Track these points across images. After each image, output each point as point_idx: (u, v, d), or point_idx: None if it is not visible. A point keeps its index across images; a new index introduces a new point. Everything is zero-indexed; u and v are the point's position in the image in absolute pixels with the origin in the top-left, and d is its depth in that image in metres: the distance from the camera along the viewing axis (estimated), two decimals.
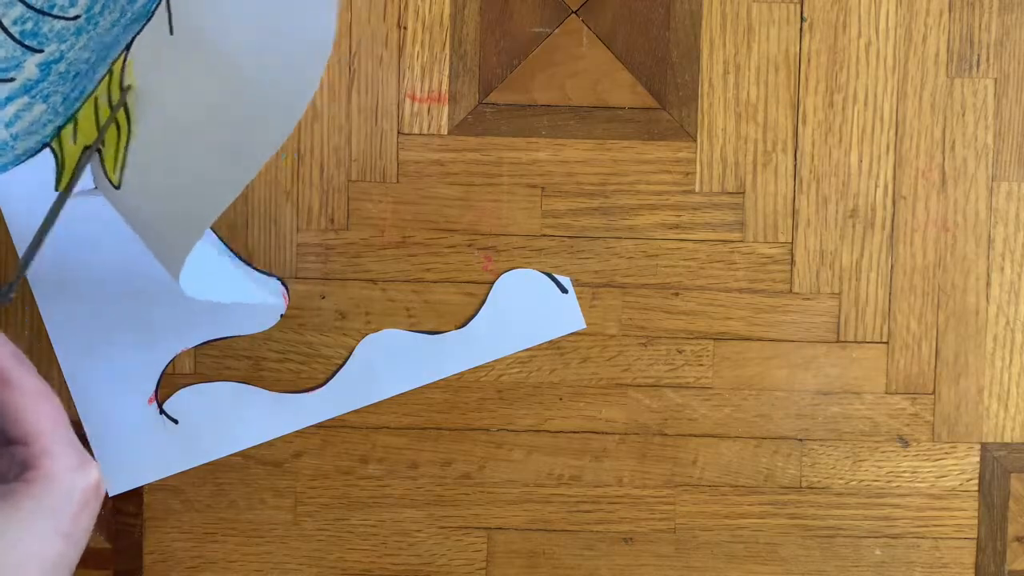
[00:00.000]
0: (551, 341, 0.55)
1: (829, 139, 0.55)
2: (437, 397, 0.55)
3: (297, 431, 0.55)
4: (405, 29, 0.54)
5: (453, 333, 0.55)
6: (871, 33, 0.55)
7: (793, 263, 0.56)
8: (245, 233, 0.55)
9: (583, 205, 0.55)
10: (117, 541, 0.56)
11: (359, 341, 0.55)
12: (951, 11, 0.55)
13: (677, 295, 0.56)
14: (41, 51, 0.36)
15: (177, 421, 0.55)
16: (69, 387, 0.54)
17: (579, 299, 0.55)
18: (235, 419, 0.55)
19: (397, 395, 0.55)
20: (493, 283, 0.55)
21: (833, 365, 0.56)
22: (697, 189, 0.55)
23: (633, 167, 0.55)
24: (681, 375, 0.56)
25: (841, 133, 0.55)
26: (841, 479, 0.56)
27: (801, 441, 0.56)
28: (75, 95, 0.38)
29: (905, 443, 0.56)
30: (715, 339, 0.56)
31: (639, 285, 0.55)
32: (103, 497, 0.40)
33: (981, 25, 0.55)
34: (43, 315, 0.54)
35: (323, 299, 0.55)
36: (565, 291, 0.55)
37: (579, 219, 0.55)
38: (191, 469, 0.55)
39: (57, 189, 0.41)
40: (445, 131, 0.55)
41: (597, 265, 0.55)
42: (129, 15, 0.37)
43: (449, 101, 0.55)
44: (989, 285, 0.56)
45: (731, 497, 0.56)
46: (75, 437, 0.39)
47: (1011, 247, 0.56)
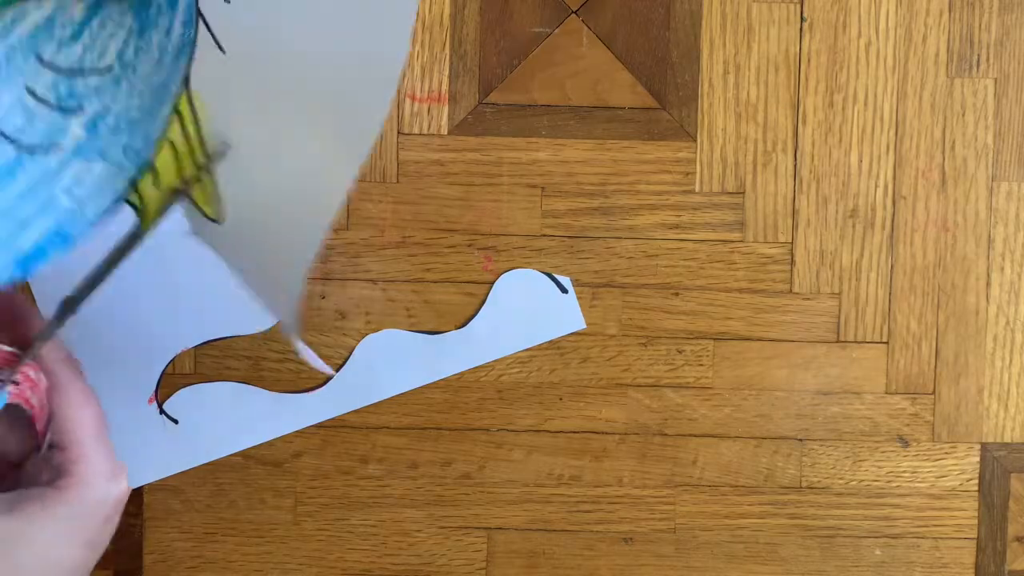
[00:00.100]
0: (551, 341, 0.55)
1: (829, 139, 0.55)
2: (437, 397, 0.55)
3: (297, 431, 0.55)
4: None
5: (453, 333, 0.55)
6: (871, 33, 0.55)
7: (793, 263, 0.56)
8: None
9: (583, 205, 0.55)
10: (117, 541, 0.56)
11: (359, 341, 0.55)
12: (951, 11, 0.55)
13: (677, 295, 0.56)
14: (82, 110, 0.35)
15: (177, 421, 0.55)
16: None
17: (579, 299, 0.55)
18: (235, 419, 0.55)
19: (397, 395, 0.55)
20: (493, 283, 0.55)
21: (833, 365, 0.56)
22: (697, 189, 0.55)
23: (633, 167, 0.55)
24: (681, 375, 0.56)
25: (841, 133, 0.55)
26: (841, 479, 0.56)
27: (801, 441, 0.56)
28: (138, 144, 0.36)
29: (905, 443, 0.56)
30: (715, 339, 0.56)
31: (639, 285, 0.55)
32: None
33: (981, 25, 0.55)
34: (43, 314, 0.54)
35: (323, 299, 0.55)
36: (565, 291, 0.55)
37: (579, 219, 0.55)
38: (191, 469, 0.55)
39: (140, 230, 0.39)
40: (445, 131, 0.55)
41: (597, 265, 0.55)
42: (170, 50, 0.35)
43: (449, 101, 0.55)
44: (989, 285, 0.56)
45: (731, 497, 0.56)
46: (110, 445, 0.39)
47: (1011, 247, 0.56)
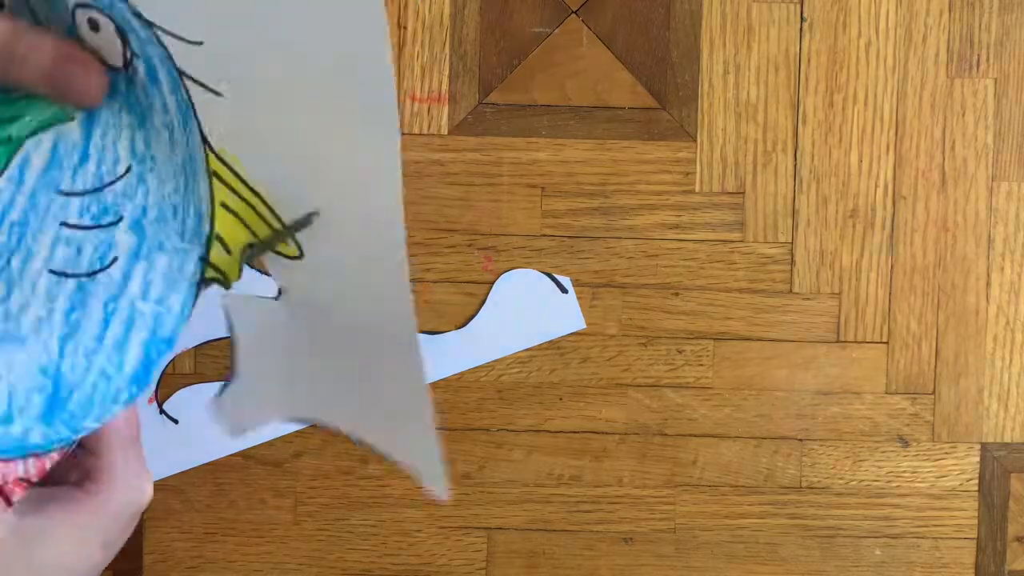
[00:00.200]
0: (551, 341, 0.55)
1: (829, 139, 0.55)
2: (437, 397, 0.55)
3: (297, 431, 0.55)
4: (405, 29, 0.54)
5: (453, 333, 0.55)
6: (871, 33, 0.55)
7: (793, 263, 0.56)
8: None
9: (583, 205, 0.55)
10: None
11: None
12: (951, 11, 0.55)
13: (677, 295, 0.56)
14: (121, 218, 0.34)
15: (177, 421, 0.55)
16: None
17: (579, 299, 0.55)
18: None
19: None
20: (493, 283, 0.55)
21: (833, 365, 0.56)
22: (697, 189, 0.55)
23: (633, 167, 0.55)
24: (681, 375, 0.56)
25: (841, 133, 0.55)
26: (841, 479, 0.56)
27: (801, 441, 0.56)
28: (190, 223, 0.35)
29: (905, 443, 0.56)
30: (715, 339, 0.56)
31: (639, 285, 0.55)
32: None
33: (981, 25, 0.55)
34: None
35: None
36: (565, 291, 0.55)
37: (579, 219, 0.55)
38: (191, 469, 0.55)
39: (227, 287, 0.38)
40: (445, 131, 0.55)
41: (597, 265, 0.55)
42: (176, 123, 0.35)
43: (449, 101, 0.55)
44: (989, 285, 0.56)
45: (731, 497, 0.56)
46: (142, 452, 0.39)
47: (1011, 247, 0.56)
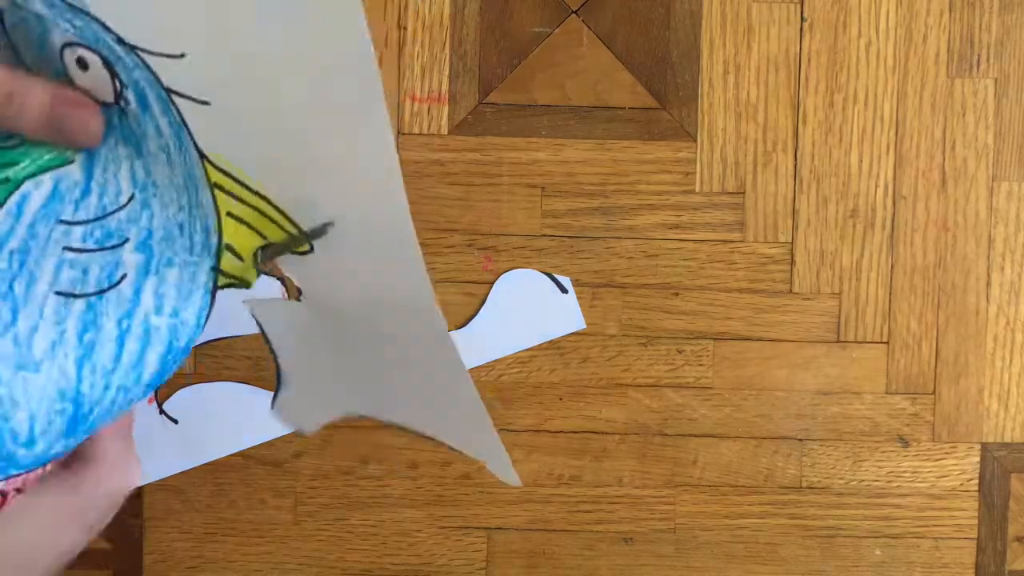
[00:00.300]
0: (551, 341, 0.55)
1: (829, 139, 0.55)
2: None
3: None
4: (405, 29, 0.54)
5: (453, 333, 0.55)
6: (871, 33, 0.55)
7: (793, 263, 0.56)
8: None
9: (583, 205, 0.55)
10: (117, 541, 0.56)
11: None
12: (951, 11, 0.55)
13: (677, 295, 0.56)
14: (127, 239, 0.34)
15: (177, 421, 0.55)
16: None
17: (579, 299, 0.55)
18: (235, 419, 0.55)
19: None
20: (493, 283, 0.55)
21: (833, 365, 0.56)
22: (697, 189, 0.55)
23: (633, 167, 0.55)
24: (681, 375, 0.56)
25: (841, 133, 0.55)
26: (841, 479, 0.56)
27: (801, 441, 0.56)
28: (197, 237, 0.35)
29: (905, 443, 0.56)
30: (715, 339, 0.56)
31: (639, 285, 0.55)
32: None
33: (981, 25, 0.55)
34: None
35: None
36: (565, 291, 0.55)
37: (579, 219, 0.55)
38: (191, 469, 0.55)
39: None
40: (445, 131, 0.55)
41: (597, 265, 0.55)
42: (171, 145, 0.35)
43: (449, 101, 0.55)
44: (989, 285, 0.56)
45: (731, 497, 0.56)
46: (132, 441, 0.39)
47: (1011, 247, 0.56)
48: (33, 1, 0.33)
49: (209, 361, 0.55)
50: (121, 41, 0.32)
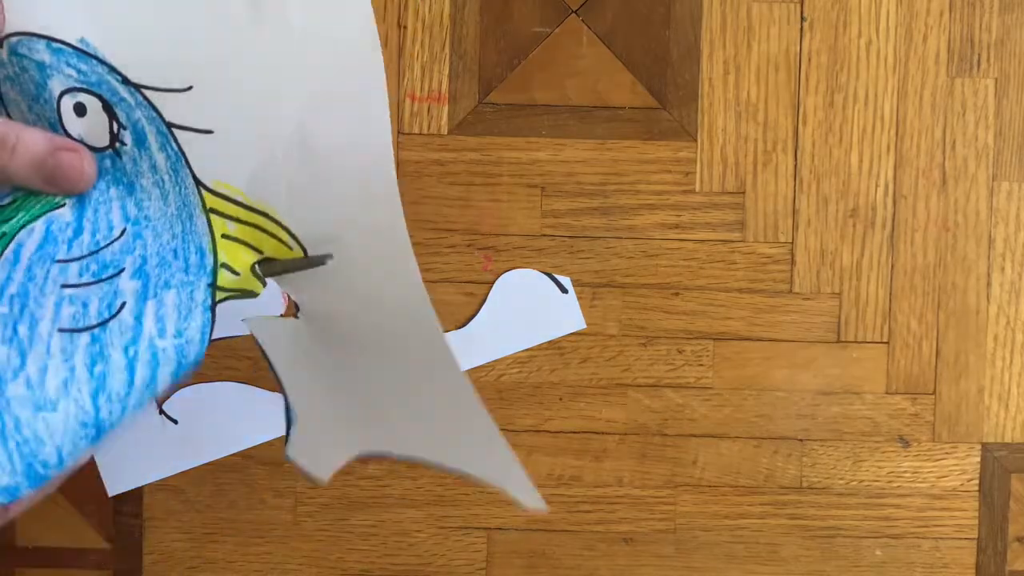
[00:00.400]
0: (551, 341, 0.55)
1: (829, 139, 0.55)
2: None
3: None
4: (405, 29, 0.54)
5: (453, 333, 0.55)
6: (871, 33, 0.55)
7: (793, 263, 0.55)
8: None
9: (583, 205, 0.55)
10: (117, 541, 0.56)
11: None
12: (951, 11, 0.55)
13: (677, 295, 0.56)
14: (123, 268, 0.35)
15: (177, 421, 0.55)
16: None
17: (579, 299, 0.55)
18: (235, 419, 0.55)
19: None
20: (493, 283, 0.55)
21: (833, 365, 0.56)
22: (697, 189, 0.55)
23: (633, 167, 0.55)
24: (681, 375, 0.56)
25: (841, 133, 0.55)
26: (841, 479, 0.56)
27: (801, 441, 0.56)
28: (193, 259, 0.36)
29: (906, 443, 0.56)
30: (715, 339, 0.56)
31: (639, 285, 0.55)
32: None
33: (981, 25, 0.55)
34: None
35: None
36: (565, 291, 0.55)
37: (579, 219, 0.55)
38: (191, 469, 0.55)
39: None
40: (445, 131, 0.55)
41: (597, 265, 0.55)
42: (166, 178, 0.35)
43: (449, 101, 0.55)
44: (990, 285, 0.56)
45: (731, 497, 0.56)
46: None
47: (1011, 247, 0.56)
48: (38, 49, 0.34)
49: (209, 361, 0.55)
50: (126, 81, 0.34)
